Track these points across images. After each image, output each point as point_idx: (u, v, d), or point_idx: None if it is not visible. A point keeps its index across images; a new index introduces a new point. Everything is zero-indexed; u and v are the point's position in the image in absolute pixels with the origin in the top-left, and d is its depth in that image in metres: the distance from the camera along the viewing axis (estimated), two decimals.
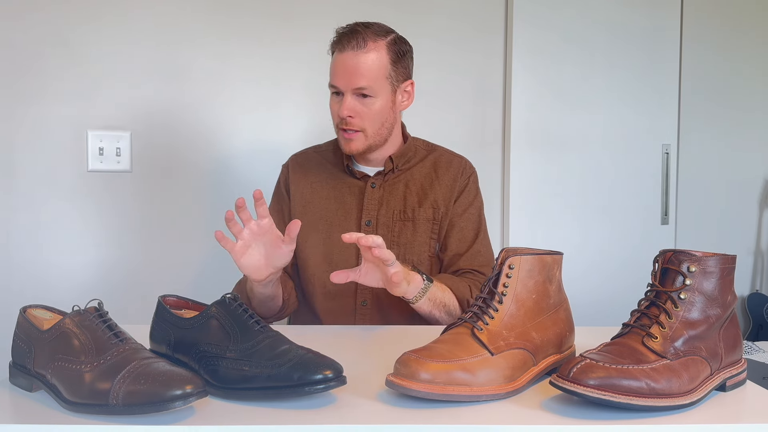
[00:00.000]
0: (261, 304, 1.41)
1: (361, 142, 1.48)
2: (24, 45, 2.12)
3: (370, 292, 1.48)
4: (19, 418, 0.79)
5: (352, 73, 1.43)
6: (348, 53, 1.43)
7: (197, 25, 2.22)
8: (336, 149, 1.60)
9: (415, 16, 2.39)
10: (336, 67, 1.46)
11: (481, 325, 0.88)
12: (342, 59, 1.44)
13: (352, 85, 1.43)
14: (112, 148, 2.17)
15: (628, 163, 2.55)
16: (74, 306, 0.85)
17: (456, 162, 1.58)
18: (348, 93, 1.44)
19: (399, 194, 1.53)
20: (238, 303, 0.90)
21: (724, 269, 0.88)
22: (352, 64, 1.43)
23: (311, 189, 1.57)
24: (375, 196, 1.53)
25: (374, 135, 1.49)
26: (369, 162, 1.56)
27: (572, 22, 2.48)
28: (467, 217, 1.55)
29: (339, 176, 1.57)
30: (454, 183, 1.55)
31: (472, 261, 1.52)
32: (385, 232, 1.50)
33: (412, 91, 1.55)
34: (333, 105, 1.49)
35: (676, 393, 0.79)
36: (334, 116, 1.50)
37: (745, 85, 2.68)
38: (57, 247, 2.17)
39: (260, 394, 0.81)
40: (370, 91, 1.44)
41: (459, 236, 1.53)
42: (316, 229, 1.53)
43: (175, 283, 2.20)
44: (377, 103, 1.46)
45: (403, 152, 1.56)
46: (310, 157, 1.63)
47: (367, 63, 1.43)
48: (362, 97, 1.45)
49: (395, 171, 1.55)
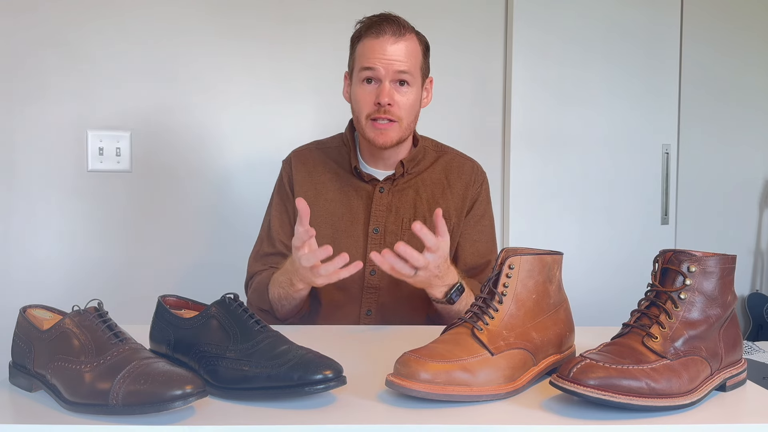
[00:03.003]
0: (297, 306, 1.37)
1: (396, 132, 1.40)
2: (24, 45, 2.12)
3: (375, 302, 1.44)
4: (19, 418, 0.79)
5: (394, 57, 1.37)
6: (388, 37, 1.37)
7: (197, 26, 2.22)
8: (340, 146, 1.53)
9: (416, 17, 2.37)
10: (374, 51, 1.38)
11: (481, 325, 0.88)
12: (380, 43, 1.37)
13: (393, 68, 1.37)
14: (112, 148, 2.17)
15: (628, 163, 2.55)
16: (74, 306, 0.85)
17: (468, 167, 1.53)
18: (387, 79, 1.38)
19: (409, 201, 1.47)
20: (238, 303, 0.89)
21: (724, 269, 0.88)
22: (393, 48, 1.37)
23: (315, 190, 1.49)
24: (383, 202, 1.46)
25: (407, 128, 1.42)
26: (378, 163, 1.49)
27: (572, 22, 2.48)
28: (481, 229, 1.51)
29: (345, 178, 1.49)
30: (466, 192, 1.50)
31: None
32: (393, 241, 1.41)
33: (431, 89, 1.51)
34: (365, 94, 1.40)
35: (676, 393, 0.79)
36: (365, 106, 1.40)
37: (745, 85, 2.68)
38: (57, 247, 2.17)
39: (260, 394, 0.81)
40: (409, 78, 1.39)
41: (473, 249, 1.49)
42: (321, 233, 1.42)
43: (175, 283, 2.20)
44: (413, 93, 1.41)
45: (413, 156, 1.50)
46: (313, 154, 1.54)
47: (408, 48, 1.39)
48: (400, 85, 1.39)
49: (405, 176, 1.49)
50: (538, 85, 2.46)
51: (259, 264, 1.51)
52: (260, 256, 1.52)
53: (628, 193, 2.55)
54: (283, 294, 1.35)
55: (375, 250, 1.42)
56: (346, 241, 1.45)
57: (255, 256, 1.53)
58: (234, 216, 2.25)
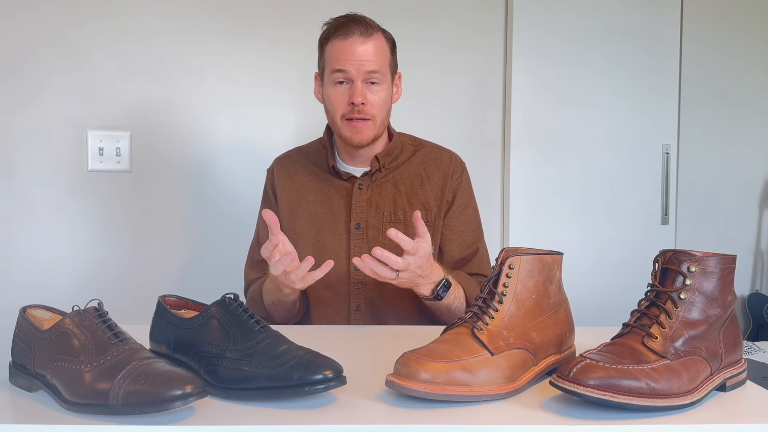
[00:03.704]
0: (290, 310, 1.41)
1: (371, 130, 1.44)
2: (24, 45, 2.12)
3: (363, 297, 1.46)
4: (19, 418, 0.79)
5: (363, 58, 1.39)
6: (356, 38, 1.40)
7: (198, 26, 2.23)
8: (320, 149, 1.56)
9: (416, 17, 2.39)
10: (344, 53, 1.40)
11: (481, 325, 0.88)
12: (350, 44, 1.40)
13: (364, 69, 1.40)
14: (112, 148, 2.17)
15: (628, 163, 2.55)
16: (74, 306, 0.85)
17: (445, 158, 1.54)
18: (358, 79, 1.40)
19: (388, 195, 1.49)
20: (238, 303, 0.90)
21: (724, 269, 0.87)
22: (362, 49, 1.40)
23: (297, 192, 1.53)
24: (363, 197, 1.49)
25: (380, 125, 1.46)
26: (355, 161, 1.51)
27: (572, 22, 2.48)
28: (466, 220, 1.51)
29: (325, 178, 1.52)
30: (445, 182, 1.51)
31: (480, 266, 1.50)
32: (375, 235, 1.46)
33: (400, 84, 1.53)
34: (338, 95, 1.43)
35: (676, 393, 0.79)
36: (339, 106, 1.43)
37: (745, 85, 2.68)
38: (57, 247, 2.17)
39: (260, 394, 0.81)
40: (380, 77, 1.42)
41: (460, 240, 1.50)
42: (305, 233, 1.48)
43: (175, 283, 2.20)
44: (383, 91, 1.44)
45: (389, 150, 1.51)
46: (293, 159, 1.58)
47: (376, 48, 1.41)
48: (371, 85, 1.42)
49: (382, 170, 1.51)
50: (538, 85, 2.46)
51: (254, 271, 1.54)
52: (254, 263, 1.55)
53: (628, 193, 2.55)
54: (275, 300, 1.38)
55: (358, 246, 1.45)
56: (329, 239, 1.48)
57: (249, 263, 1.58)
58: (234, 216, 2.25)
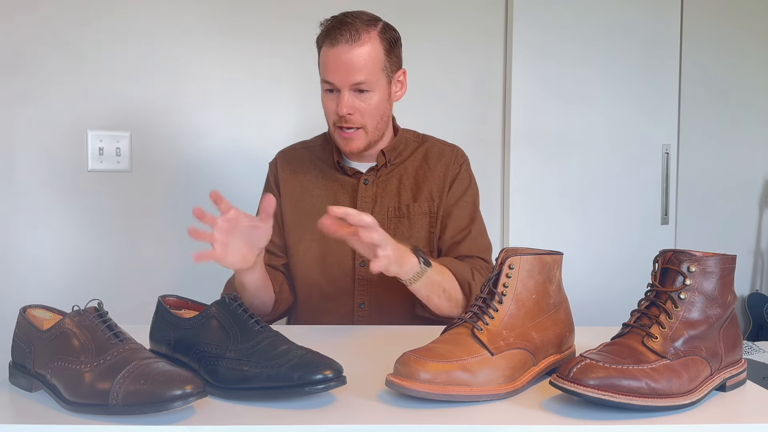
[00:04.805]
0: (255, 296, 1.35)
1: (361, 139, 1.42)
2: (24, 45, 2.12)
3: (368, 294, 1.45)
4: (19, 418, 0.79)
5: (349, 69, 1.35)
6: (341, 47, 1.35)
7: (198, 25, 2.22)
8: (325, 144, 1.55)
9: (416, 17, 2.39)
10: (329, 63, 1.37)
11: (481, 325, 0.88)
12: (335, 54, 1.35)
13: (349, 80, 1.36)
14: (112, 148, 2.17)
15: (628, 163, 2.55)
16: (74, 306, 0.85)
17: (448, 151, 1.53)
18: (345, 89, 1.37)
19: (392, 190, 1.49)
20: (238, 303, 0.89)
21: (724, 269, 0.87)
22: (347, 58, 1.34)
23: (301, 187, 1.51)
24: (368, 193, 1.48)
25: (374, 131, 1.43)
26: (361, 157, 1.50)
27: (572, 21, 2.48)
28: (462, 206, 1.50)
29: (330, 173, 1.51)
30: (447, 172, 1.50)
31: (472, 247, 1.47)
32: None
33: (405, 81, 1.49)
34: (328, 103, 1.41)
35: (676, 393, 0.79)
36: (329, 115, 1.42)
37: (745, 85, 2.68)
38: (57, 247, 2.17)
39: (260, 394, 0.81)
40: (368, 85, 1.37)
41: (454, 224, 1.48)
42: (309, 229, 1.45)
43: (175, 283, 2.20)
44: (375, 97, 1.40)
45: (394, 146, 1.51)
46: (298, 153, 1.56)
47: (363, 56, 1.35)
48: (360, 93, 1.38)
49: (388, 165, 1.50)
50: (539, 84, 2.46)
51: None
52: None
53: (629, 193, 2.55)
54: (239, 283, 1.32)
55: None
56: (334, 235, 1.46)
57: None
58: None
